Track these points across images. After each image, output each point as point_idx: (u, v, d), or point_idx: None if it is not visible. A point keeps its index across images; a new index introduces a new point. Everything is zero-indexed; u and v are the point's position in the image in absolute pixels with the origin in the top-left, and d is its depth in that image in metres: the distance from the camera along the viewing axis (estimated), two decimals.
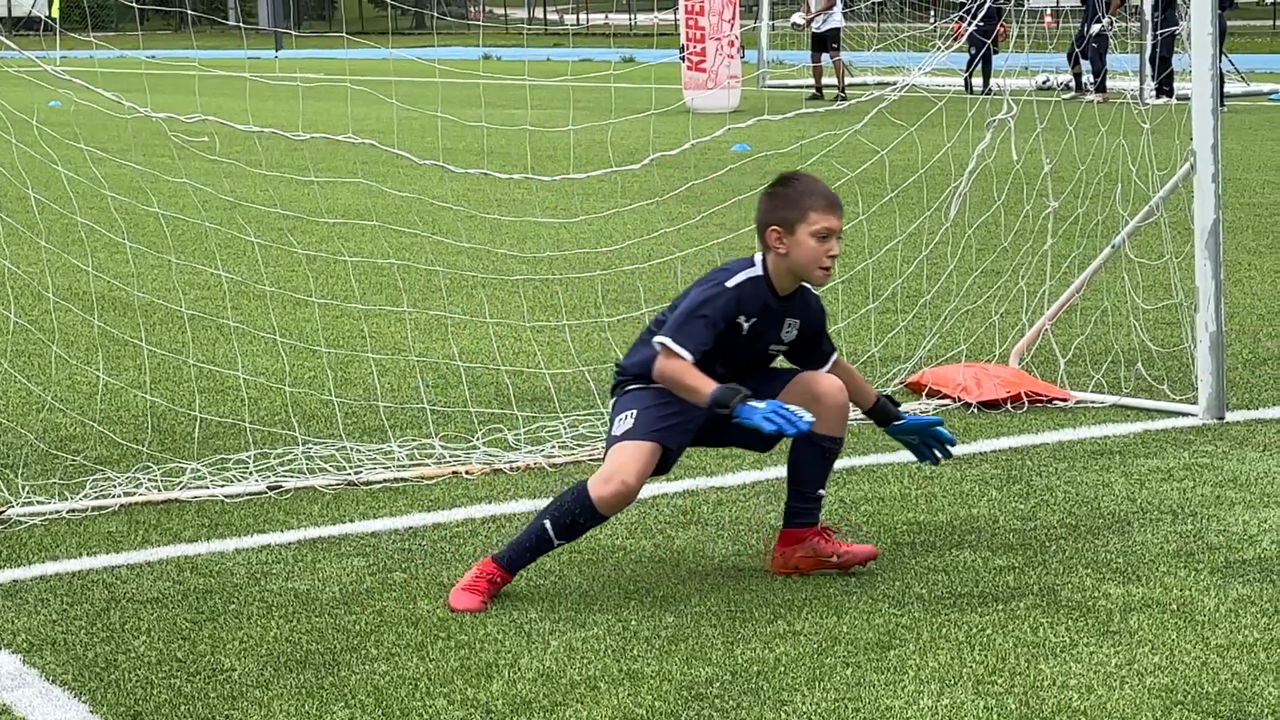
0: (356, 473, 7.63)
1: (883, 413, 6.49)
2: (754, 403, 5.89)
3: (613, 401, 6.30)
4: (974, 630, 5.66)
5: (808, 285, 6.25)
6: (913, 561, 6.37)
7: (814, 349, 6.38)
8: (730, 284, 6.11)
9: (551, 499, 6.21)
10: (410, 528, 6.93)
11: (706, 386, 5.94)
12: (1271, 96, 31.39)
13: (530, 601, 6.01)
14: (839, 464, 7.56)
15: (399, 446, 7.97)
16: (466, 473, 7.68)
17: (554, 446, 8.04)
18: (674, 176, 11.13)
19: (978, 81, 30.17)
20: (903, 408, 6.66)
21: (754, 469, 7.63)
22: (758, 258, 6.20)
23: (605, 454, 6.18)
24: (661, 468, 6.18)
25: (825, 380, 6.26)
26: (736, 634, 5.68)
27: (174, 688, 5.31)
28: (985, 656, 5.44)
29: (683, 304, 6.13)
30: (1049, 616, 5.77)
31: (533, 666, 5.43)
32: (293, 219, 13.22)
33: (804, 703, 5.11)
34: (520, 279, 11.86)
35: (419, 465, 7.76)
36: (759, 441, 6.25)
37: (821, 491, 6.31)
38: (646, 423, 6.09)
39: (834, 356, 6.43)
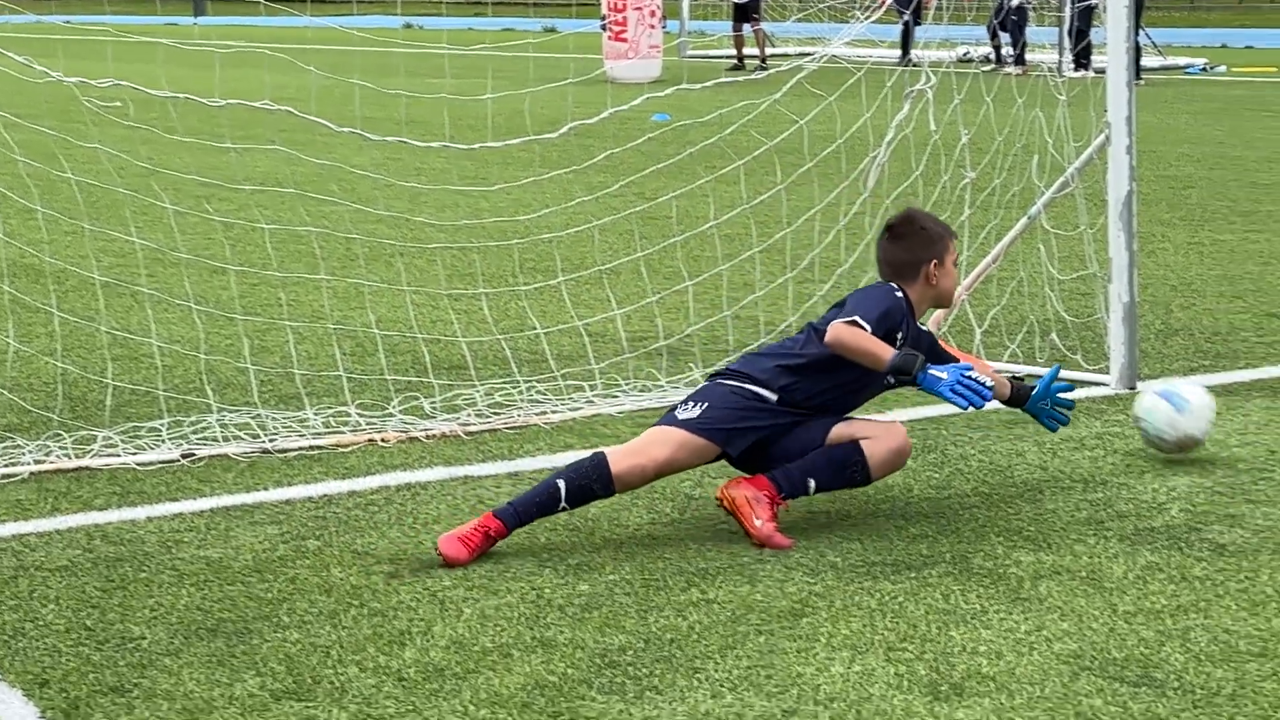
0: (271, 440, 7.59)
1: (1018, 395, 6.69)
2: (936, 371, 6.19)
3: (702, 385, 6.50)
4: (886, 598, 5.69)
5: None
6: (827, 530, 6.39)
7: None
8: (899, 295, 6.43)
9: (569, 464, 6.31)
10: (325, 495, 6.91)
11: (886, 352, 6.18)
12: (1189, 70, 31.62)
13: (444, 569, 5.99)
14: None
15: (315, 414, 7.93)
16: (382, 440, 7.66)
17: (470, 414, 8.02)
18: (593, 146, 11.09)
19: (914, 53, 30.17)
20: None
21: None
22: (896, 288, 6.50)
23: (652, 426, 6.37)
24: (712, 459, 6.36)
25: (893, 429, 6.39)
26: (650, 602, 5.69)
27: (83, 656, 5.28)
28: (897, 624, 5.47)
29: (859, 300, 6.36)
30: (960, 584, 5.81)
31: (446, 634, 5.42)
32: (210, 186, 13.12)
33: (717, 670, 5.13)
34: (438, 248, 11.82)
35: (334, 433, 7.73)
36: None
37: (813, 484, 6.28)
38: (711, 419, 6.27)
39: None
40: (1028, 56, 27.55)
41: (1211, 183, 16.08)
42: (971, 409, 6.15)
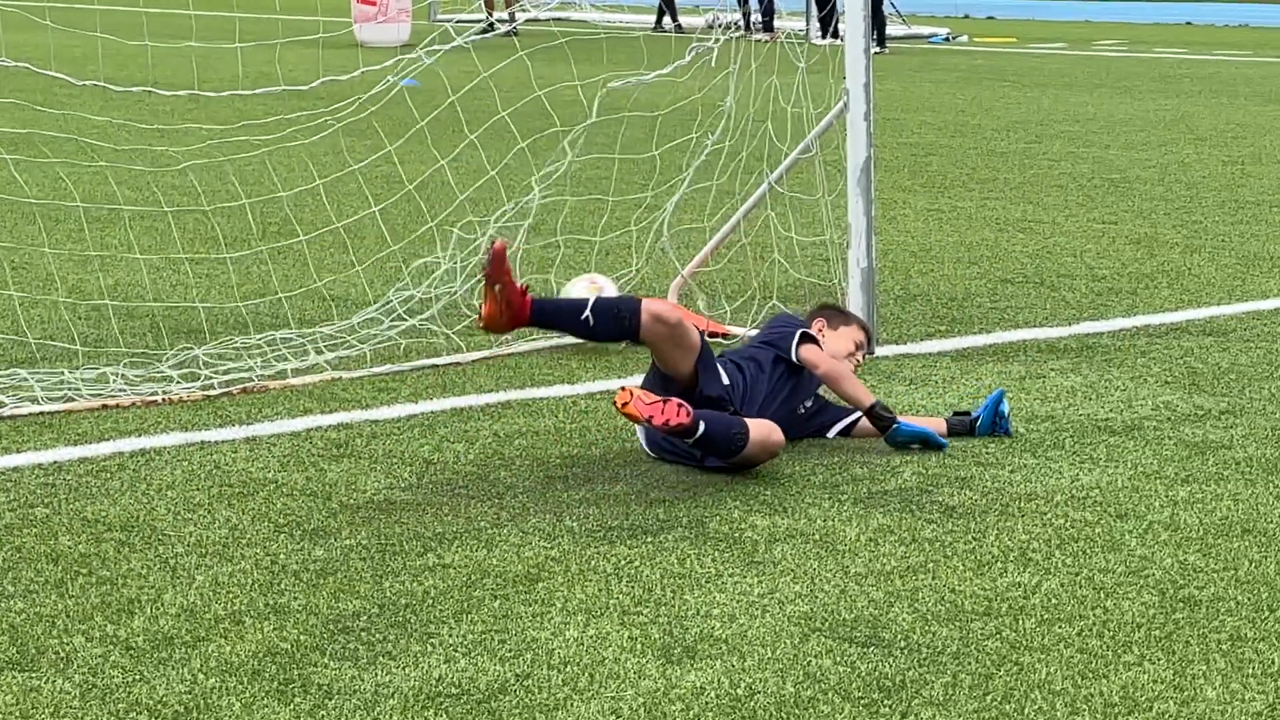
0: None
1: (959, 428, 7.16)
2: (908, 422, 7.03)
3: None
4: (622, 562, 5.72)
5: None
6: (565, 494, 6.41)
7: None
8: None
9: None
10: (55, 462, 6.75)
11: (868, 395, 6.99)
12: (932, 40, 32.16)
13: (177, 536, 5.90)
14: (481, 399, 7.60)
15: (47, 380, 7.74)
16: (117, 406, 7.51)
17: (208, 378, 7.89)
18: (340, 110, 10.96)
19: (667, 20, 30.19)
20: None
21: (409, 402, 7.60)
22: None
23: None
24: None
25: (777, 431, 6.64)
26: (386, 567, 5.65)
27: None
28: (632, 588, 5.50)
29: (788, 321, 7.24)
30: (696, 548, 5.85)
31: (176, 602, 5.34)
32: None
33: (450, 635, 5.11)
34: (177, 211, 11.61)
35: (67, 398, 7.56)
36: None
37: (703, 425, 6.41)
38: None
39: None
40: (776, 24, 27.80)
41: (952, 150, 16.38)
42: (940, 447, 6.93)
